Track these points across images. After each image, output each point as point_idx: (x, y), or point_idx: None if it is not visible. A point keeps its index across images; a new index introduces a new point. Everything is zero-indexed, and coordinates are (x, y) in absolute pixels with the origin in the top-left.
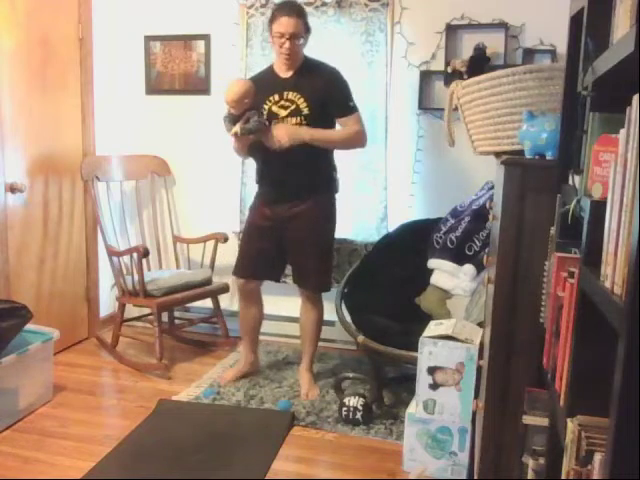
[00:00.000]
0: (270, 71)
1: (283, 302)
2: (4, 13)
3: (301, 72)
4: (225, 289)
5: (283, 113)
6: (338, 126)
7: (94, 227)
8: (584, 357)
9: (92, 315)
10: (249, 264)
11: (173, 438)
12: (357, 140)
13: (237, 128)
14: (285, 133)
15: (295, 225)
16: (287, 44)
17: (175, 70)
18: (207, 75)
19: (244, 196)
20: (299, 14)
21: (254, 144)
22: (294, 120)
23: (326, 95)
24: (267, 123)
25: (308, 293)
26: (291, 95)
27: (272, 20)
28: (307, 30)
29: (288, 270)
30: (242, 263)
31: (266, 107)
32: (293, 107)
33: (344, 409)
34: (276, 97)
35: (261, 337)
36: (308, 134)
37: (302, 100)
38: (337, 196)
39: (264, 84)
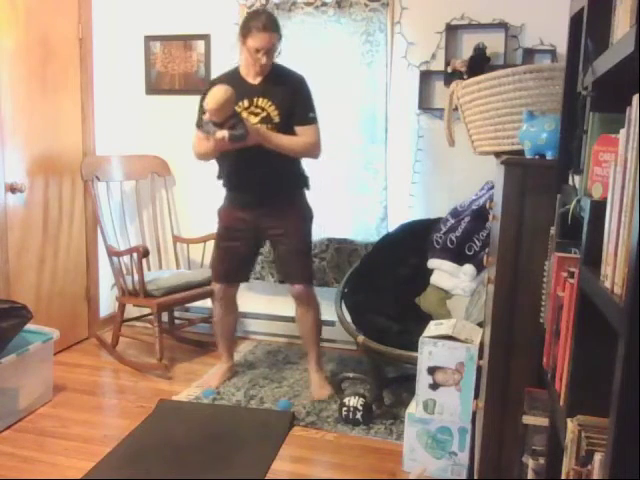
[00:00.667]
0: (237, 76)
1: (282, 302)
2: (4, 13)
3: (270, 78)
4: None
5: (254, 120)
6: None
7: (94, 227)
8: (584, 357)
9: (92, 315)
10: (232, 269)
11: (173, 438)
12: (310, 151)
13: (225, 134)
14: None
15: (275, 225)
16: (264, 59)
17: (175, 70)
18: (207, 75)
19: None
20: (275, 27)
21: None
22: (264, 128)
23: (292, 102)
24: (252, 120)
25: (298, 289)
26: (261, 102)
27: (247, 33)
28: (280, 39)
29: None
30: (224, 268)
31: None
32: (264, 114)
33: (344, 409)
34: (246, 103)
35: (261, 337)
36: (262, 137)
37: (273, 108)
38: (337, 196)
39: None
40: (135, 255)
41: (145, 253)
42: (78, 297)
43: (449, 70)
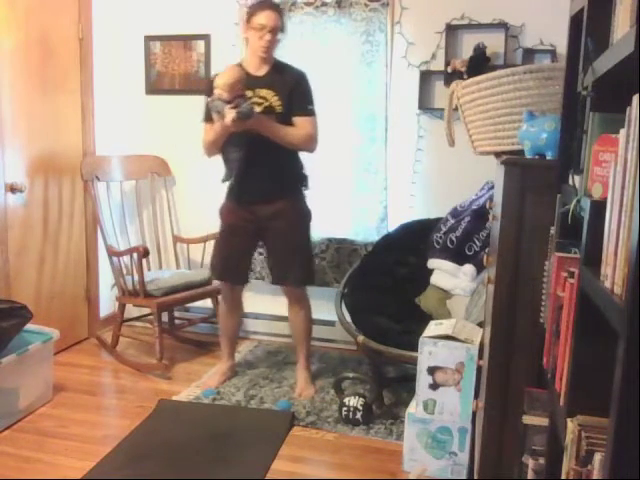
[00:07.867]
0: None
1: (282, 302)
2: (4, 13)
3: (272, 71)
4: None
5: (257, 109)
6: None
7: (94, 227)
8: (584, 357)
9: (92, 315)
10: (231, 266)
11: (173, 438)
12: (307, 143)
13: (233, 113)
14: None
15: (276, 224)
16: (268, 36)
17: (175, 70)
18: (207, 75)
19: None
20: (280, 11)
21: (227, 142)
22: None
23: (292, 93)
24: (255, 109)
25: (292, 289)
26: (264, 92)
27: (252, 13)
28: (283, 29)
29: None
30: (223, 264)
31: None
32: (267, 104)
33: (344, 409)
34: (249, 94)
35: (261, 337)
36: (261, 122)
37: (276, 98)
38: (337, 196)
39: None
40: (135, 255)
41: (145, 253)
42: (78, 297)
43: (449, 70)
